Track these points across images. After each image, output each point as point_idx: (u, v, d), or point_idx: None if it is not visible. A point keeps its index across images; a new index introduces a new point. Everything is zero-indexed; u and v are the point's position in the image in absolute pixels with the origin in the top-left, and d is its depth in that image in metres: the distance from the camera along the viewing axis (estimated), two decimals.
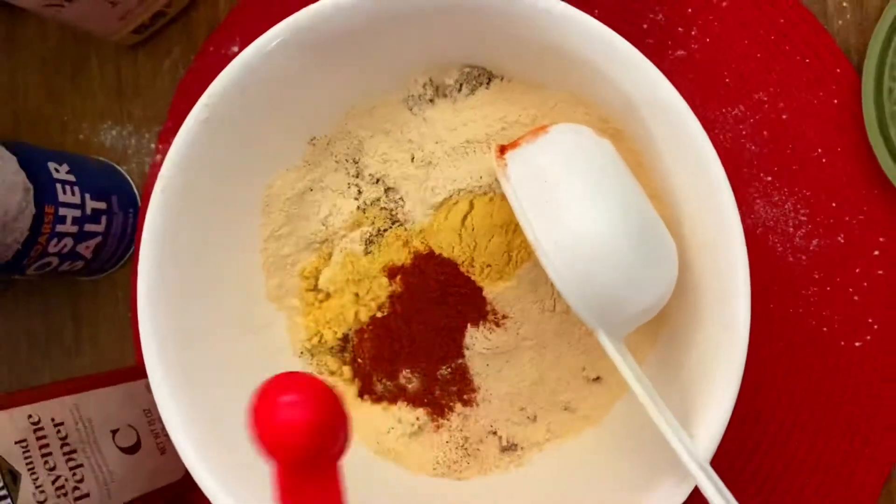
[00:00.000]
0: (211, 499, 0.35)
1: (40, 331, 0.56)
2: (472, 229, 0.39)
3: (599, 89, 0.36)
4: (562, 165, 0.33)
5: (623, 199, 0.32)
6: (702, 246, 0.34)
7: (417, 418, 0.42)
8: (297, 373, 0.27)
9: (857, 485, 0.41)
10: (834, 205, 0.41)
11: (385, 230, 0.42)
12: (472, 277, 0.40)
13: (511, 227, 0.39)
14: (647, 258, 0.32)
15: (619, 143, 0.37)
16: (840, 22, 0.42)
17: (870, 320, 0.41)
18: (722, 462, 0.43)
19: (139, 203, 0.52)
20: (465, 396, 0.42)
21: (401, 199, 0.42)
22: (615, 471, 0.38)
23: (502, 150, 0.35)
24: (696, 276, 0.35)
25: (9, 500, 0.37)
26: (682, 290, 0.35)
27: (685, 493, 0.32)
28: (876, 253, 0.41)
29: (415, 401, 0.43)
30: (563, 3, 0.33)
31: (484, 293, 0.40)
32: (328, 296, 0.44)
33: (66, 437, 0.41)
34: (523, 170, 0.33)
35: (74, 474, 0.41)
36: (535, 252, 0.31)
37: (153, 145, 0.53)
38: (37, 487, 0.38)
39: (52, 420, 0.41)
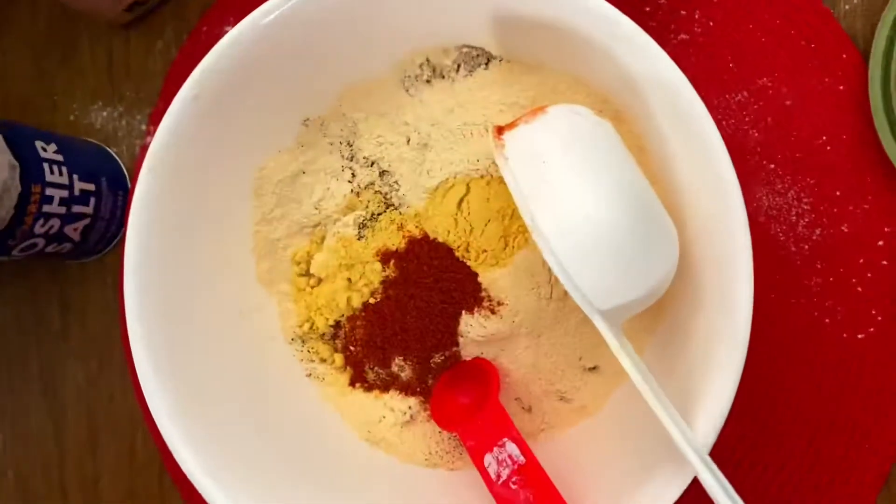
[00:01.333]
0: (197, 487, 0.35)
1: (28, 315, 0.55)
2: (468, 214, 0.38)
3: (600, 69, 0.35)
4: (560, 146, 0.32)
5: (622, 182, 0.32)
6: (703, 231, 0.33)
7: (409, 407, 0.42)
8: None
9: (858, 477, 0.40)
10: (838, 193, 0.41)
11: (379, 214, 0.41)
12: (468, 263, 0.39)
13: (508, 213, 0.38)
14: (647, 243, 0.31)
15: (620, 124, 0.36)
16: (846, 6, 0.41)
17: (873, 312, 0.40)
18: (721, 453, 0.42)
19: (129, 185, 0.51)
20: None
21: (395, 182, 0.41)
22: (611, 462, 0.37)
23: (500, 130, 0.34)
24: (697, 263, 0.34)
25: None
26: (682, 276, 0.34)
27: (683, 483, 0.31)
28: (880, 243, 0.40)
29: (407, 389, 0.42)
30: None
31: (479, 279, 0.39)
32: (320, 281, 0.43)
33: None
34: (521, 150, 0.32)
35: None
36: (531, 236, 0.31)
37: (144, 127, 0.52)
38: None
39: None
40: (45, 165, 0.43)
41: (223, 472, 0.35)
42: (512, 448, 0.36)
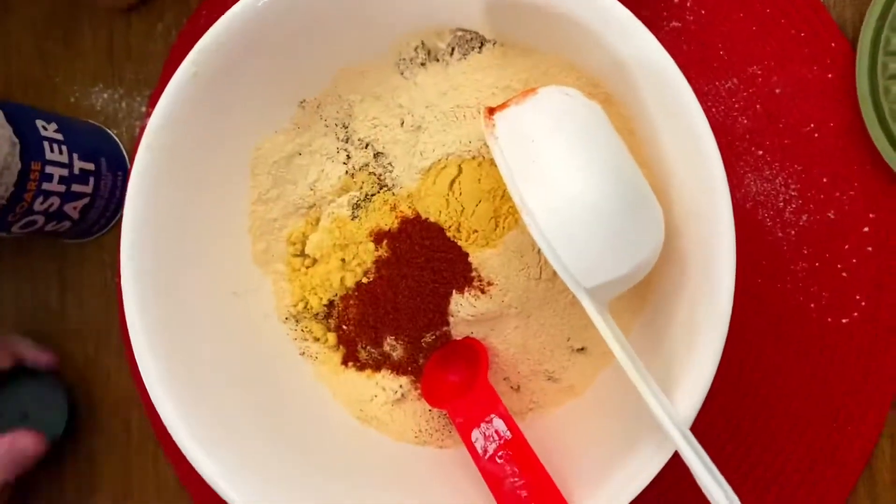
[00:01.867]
0: (191, 461, 0.35)
1: (26, 295, 0.55)
2: (460, 194, 0.39)
3: (592, 54, 0.36)
4: (549, 126, 0.32)
5: (610, 162, 0.32)
6: (689, 213, 0.34)
7: (401, 386, 0.42)
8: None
9: (841, 460, 0.41)
10: (825, 180, 0.41)
11: (373, 195, 0.42)
12: (459, 243, 0.40)
13: (499, 193, 0.39)
14: (633, 222, 0.32)
15: (610, 107, 0.36)
16: None
17: (857, 297, 0.41)
18: (707, 436, 0.42)
19: (128, 166, 0.51)
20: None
21: (389, 163, 0.42)
22: (596, 440, 0.38)
23: (491, 111, 0.35)
24: (682, 244, 0.35)
25: None
26: (667, 257, 0.35)
27: (665, 457, 0.32)
28: (866, 229, 0.41)
29: (398, 369, 0.42)
30: None
31: (470, 259, 0.39)
32: (314, 261, 0.43)
33: None
34: (511, 130, 0.33)
35: None
36: (520, 214, 0.31)
37: (144, 109, 0.53)
38: None
39: None
40: (46, 143, 0.44)
41: (216, 446, 0.36)
42: (499, 424, 0.37)
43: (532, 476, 0.35)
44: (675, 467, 0.32)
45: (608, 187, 0.31)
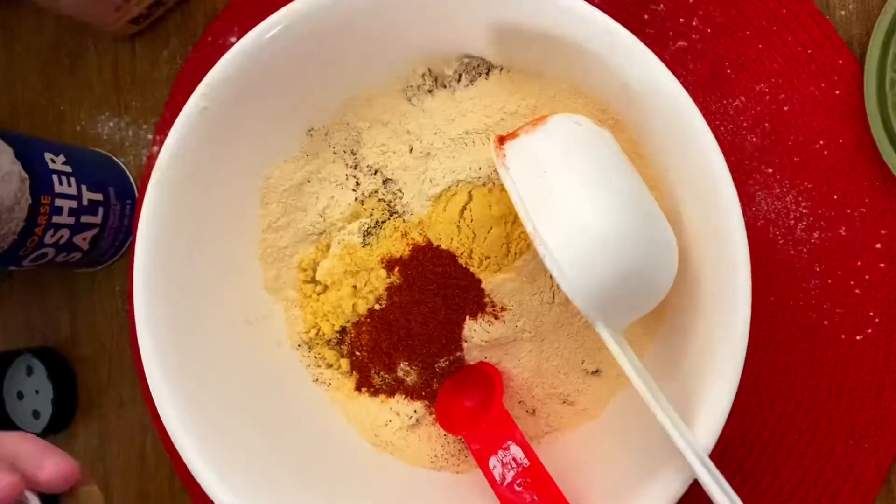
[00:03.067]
0: (207, 491, 0.35)
1: (38, 323, 0.55)
2: (471, 221, 0.39)
3: (599, 79, 0.36)
4: (560, 155, 0.32)
5: (622, 190, 0.32)
6: (702, 237, 0.34)
7: (415, 411, 0.42)
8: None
9: (857, 477, 0.40)
10: (835, 197, 0.41)
11: (383, 222, 0.42)
12: (471, 269, 0.40)
13: (510, 219, 0.39)
14: (647, 249, 0.32)
15: (619, 133, 0.36)
16: (842, 12, 0.41)
17: (871, 313, 0.41)
18: (722, 454, 0.42)
19: (136, 195, 0.52)
20: None
21: (399, 190, 0.42)
22: (613, 464, 0.38)
23: (501, 140, 0.35)
24: (696, 268, 0.35)
25: None
26: (681, 281, 0.34)
27: (684, 485, 0.32)
28: (878, 245, 0.40)
29: (413, 394, 0.42)
30: None
31: (482, 285, 0.39)
32: (326, 288, 0.43)
33: None
34: (522, 160, 0.33)
35: None
36: (533, 243, 0.31)
37: (150, 136, 0.53)
38: None
39: None
40: (55, 177, 0.44)
41: (232, 475, 0.36)
42: (516, 451, 0.37)
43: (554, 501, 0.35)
44: (692, 492, 0.32)
45: (621, 215, 0.31)
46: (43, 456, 0.32)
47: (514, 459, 0.37)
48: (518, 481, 0.36)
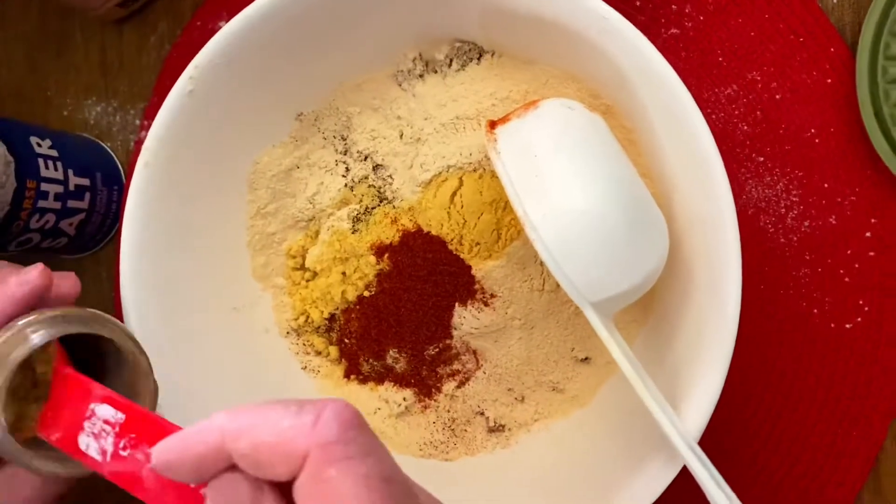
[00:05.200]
0: None
1: None
2: (461, 207, 0.39)
3: (592, 64, 0.35)
4: (551, 140, 0.32)
5: (613, 175, 0.32)
6: (693, 224, 0.34)
7: (404, 399, 0.42)
8: None
9: (846, 465, 0.41)
10: (826, 186, 0.41)
11: (373, 208, 0.42)
12: (461, 256, 0.39)
13: (501, 205, 0.39)
14: (637, 234, 0.32)
15: (611, 118, 0.36)
16: (835, 0, 0.41)
17: (860, 302, 0.41)
18: (711, 443, 0.42)
19: (124, 180, 0.51)
20: (452, 377, 0.41)
21: (389, 176, 0.41)
22: (603, 451, 0.38)
23: (492, 125, 0.34)
24: (687, 255, 0.35)
25: None
26: (672, 268, 0.34)
27: (673, 472, 0.32)
28: (868, 234, 0.41)
29: (402, 381, 0.42)
30: None
31: (472, 272, 0.39)
32: (315, 275, 0.43)
33: None
34: (513, 144, 0.33)
35: None
36: (524, 228, 0.31)
37: (138, 122, 0.52)
38: None
39: None
40: (40, 161, 0.43)
41: None
42: (104, 410, 0.26)
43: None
44: (680, 476, 0.32)
45: (611, 200, 0.31)
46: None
47: (104, 422, 0.26)
48: (121, 444, 0.25)
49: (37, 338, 0.28)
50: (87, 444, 0.26)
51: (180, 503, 0.24)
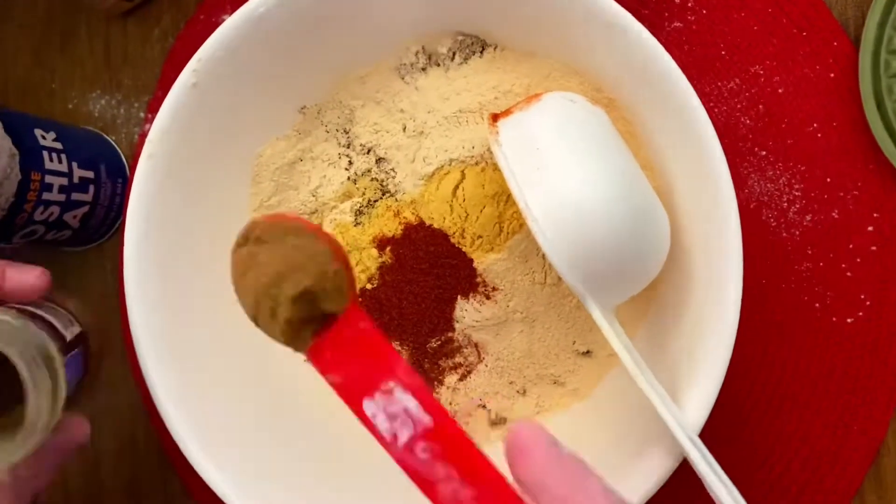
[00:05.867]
0: (197, 469, 0.35)
1: None
2: (464, 200, 0.39)
3: (594, 58, 0.35)
4: (554, 133, 0.32)
5: (615, 168, 0.32)
6: (694, 217, 0.34)
7: None
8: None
9: (846, 459, 0.41)
10: (829, 180, 0.41)
11: (375, 201, 0.42)
12: (463, 249, 0.39)
13: (503, 198, 0.39)
14: (639, 228, 0.32)
15: (613, 112, 0.36)
16: None
17: (862, 296, 0.41)
18: (712, 435, 0.42)
19: (128, 173, 0.51)
20: (454, 369, 0.42)
21: (392, 169, 0.42)
22: (603, 444, 0.38)
23: (495, 118, 0.35)
24: (688, 248, 0.35)
25: None
26: (673, 261, 0.35)
27: (674, 464, 0.32)
28: (870, 229, 0.41)
29: None
30: None
31: (474, 265, 0.39)
32: None
33: None
34: (515, 137, 0.33)
35: None
36: (526, 221, 0.31)
37: (142, 115, 0.52)
38: None
39: None
40: (45, 153, 0.44)
41: (224, 456, 0.36)
42: (405, 399, 0.24)
43: (486, 485, 0.24)
44: (680, 469, 0.32)
45: (613, 193, 0.31)
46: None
47: (405, 411, 0.24)
48: (421, 446, 0.24)
49: None
50: (376, 414, 0.25)
51: None
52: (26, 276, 0.33)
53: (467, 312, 0.40)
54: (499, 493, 0.24)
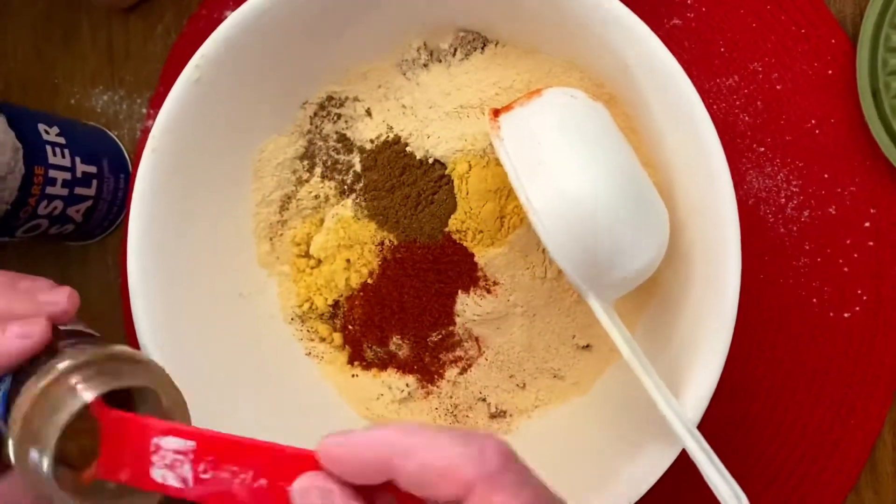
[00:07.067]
0: None
1: None
2: (466, 194, 0.39)
3: (595, 54, 0.36)
4: (555, 128, 0.33)
5: (615, 163, 0.32)
6: (693, 212, 0.34)
7: (407, 385, 0.42)
8: None
9: (843, 453, 0.41)
10: (826, 176, 0.41)
11: None
12: (464, 243, 0.40)
13: (504, 193, 0.39)
14: (638, 222, 0.32)
15: (614, 107, 0.37)
16: None
17: (859, 291, 0.41)
18: (711, 430, 0.43)
19: (130, 168, 0.52)
20: (454, 363, 0.42)
21: None
22: (603, 437, 0.38)
23: (496, 113, 0.35)
24: (687, 243, 0.35)
25: None
26: (672, 256, 0.35)
27: (672, 456, 0.32)
28: (867, 224, 0.41)
29: (405, 367, 0.43)
30: None
31: (475, 259, 0.40)
32: (319, 262, 0.43)
33: None
34: (516, 132, 0.33)
35: None
36: (527, 215, 0.31)
37: (144, 110, 0.53)
38: None
39: None
40: (48, 148, 0.44)
41: None
42: (170, 442, 0.26)
43: (257, 458, 0.25)
44: (679, 461, 0.32)
45: (613, 188, 0.32)
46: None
47: (175, 452, 0.26)
48: (201, 468, 0.26)
49: (87, 394, 0.27)
50: (164, 475, 0.26)
51: None
52: (61, 297, 0.32)
53: (468, 306, 0.40)
54: (274, 457, 0.25)
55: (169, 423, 0.27)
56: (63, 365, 0.28)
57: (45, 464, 0.26)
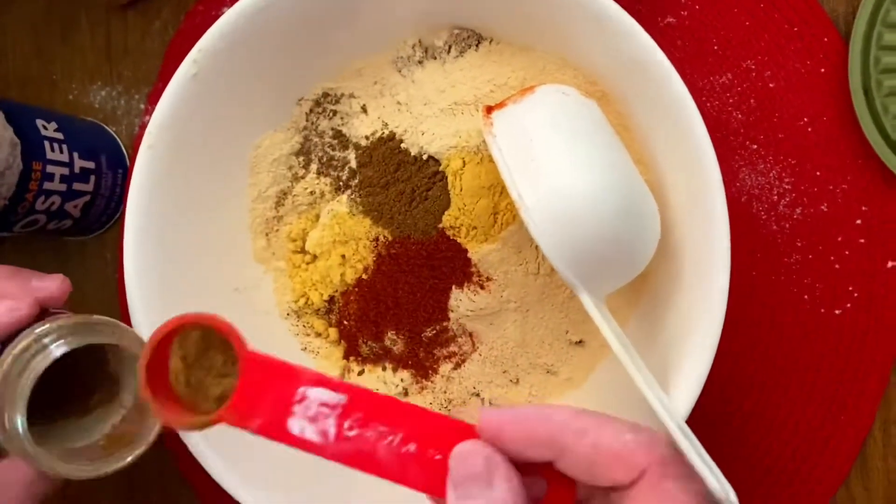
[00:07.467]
0: (195, 455, 0.36)
1: None
2: (460, 190, 0.39)
3: (588, 52, 0.36)
4: (547, 125, 0.33)
5: (607, 159, 0.33)
6: (684, 209, 0.35)
7: (402, 380, 0.43)
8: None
9: (834, 450, 0.41)
10: (818, 173, 0.42)
11: None
12: (458, 239, 0.40)
13: (497, 190, 0.39)
14: (630, 218, 0.32)
15: (606, 105, 0.37)
16: None
17: (850, 288, 0.41)
18: (702, 425, 0.43)
19: (128, 164, 0.52)
20: (448, 358, 0.42)
21: None
22: None
23: (489, 110, 0.35)
24: (678, 239, 0.35)
25: None
26: (663, 252, 0.35)
27: None
28: (858, 222, 0.41)
29: (399, 362, 0.43)
30: None
31: (469, 255, 0.40)
32: (315, 258, 0.44)
33: None
34: (509, 129, 0.33)
35: None
36: (519, 212, 0.32)
37: (142, 106, 0.53)
38: None
39: None
40: (46, 143, 0.44)
41: (220, 442, 0.36)
42: (318, 393, 0.25)
43: (411, 422, 0.25)
44: None
45: (605, 184, 0.32)
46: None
47: (322, 405, 0.25)
48: (347, 425, 0.25)
49: (57, 351, 0.31)
50: (303, 428, 0.25)
51: (423, 475, 0.25)
52: (53, 284, 0.36)
53: (462, 302, 0.41)
54: (428, 423, 0.25)
55: (320, 373, 0.26)
56: (40, 329, 0.31)
57: (19, 420, 0.30)
